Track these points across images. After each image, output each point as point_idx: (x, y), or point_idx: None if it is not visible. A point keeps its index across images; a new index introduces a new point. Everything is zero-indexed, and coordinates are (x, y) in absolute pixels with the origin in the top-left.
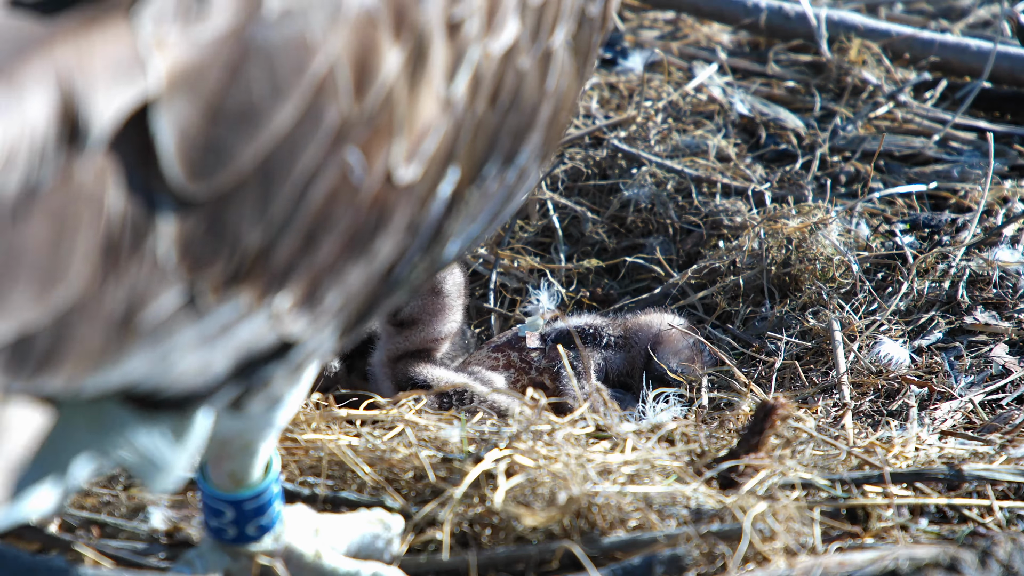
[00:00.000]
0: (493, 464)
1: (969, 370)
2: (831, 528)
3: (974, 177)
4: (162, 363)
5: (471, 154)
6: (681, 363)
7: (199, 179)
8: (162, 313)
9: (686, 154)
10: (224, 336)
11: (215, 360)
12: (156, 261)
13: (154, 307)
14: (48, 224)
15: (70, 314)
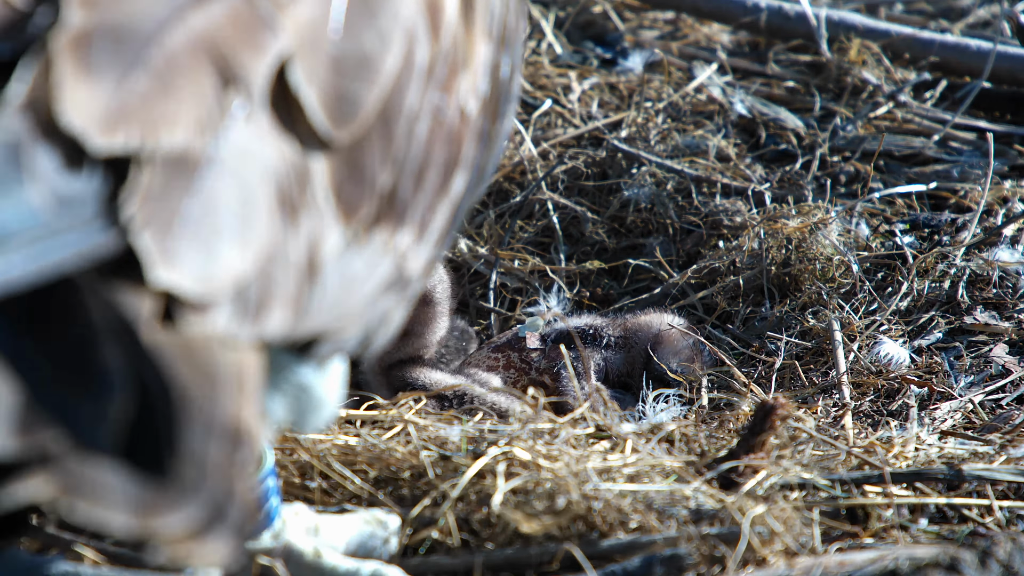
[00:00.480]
0: (492, 460)
1: (969, 370)
2: (831, 528)
3: (974, 177)
4: (337, 306)
5: (496, 93)
6: (681, 363)
7: (340, 127)
8: (332, 257)
9: (686, 154)
10: (372, 277)
11: (366, 300)
12: (319, 208)
13: (325, 252)
14: (234, 183)
15: (268, 264)
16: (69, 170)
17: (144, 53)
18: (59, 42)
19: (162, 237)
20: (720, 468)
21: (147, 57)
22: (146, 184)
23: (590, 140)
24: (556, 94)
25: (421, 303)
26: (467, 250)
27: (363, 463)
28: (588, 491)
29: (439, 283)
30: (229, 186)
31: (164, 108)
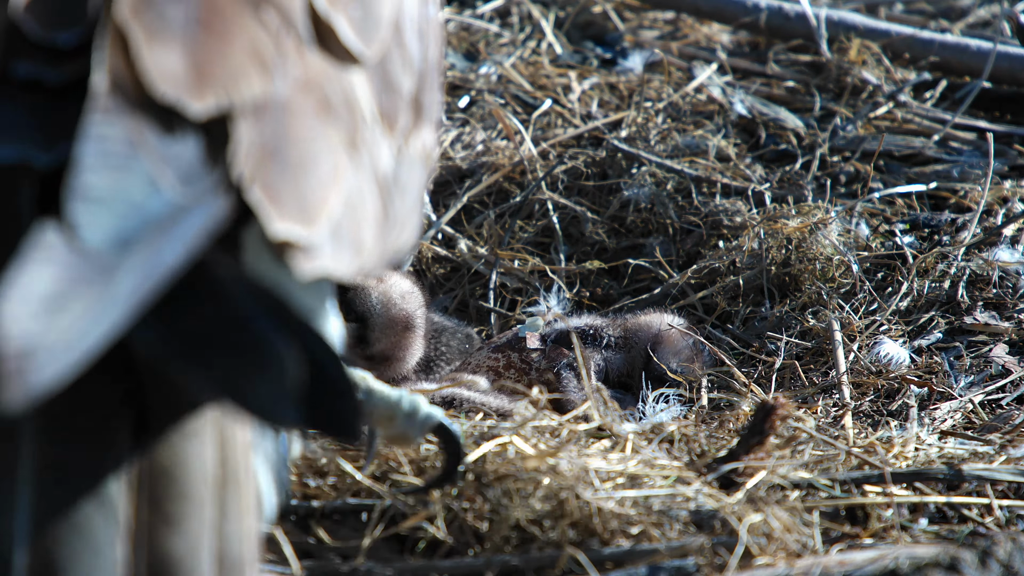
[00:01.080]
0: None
1: (969, 370)
2: (831, 528)
3: (974, 177)
4: (404, 220)
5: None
6: (681, 363)
7: (369, 44)
8: (390, 173)
9: (686, 154)
10: (416, 181)
11: (417, 205)
12: (370, 127)
13: (384, 169)
14: (307, 120)
15: (351, 194)
16: (174, 141)
17: (191, 6)
18: (122, 11)
19: (269, 189)
20: (721, 468)
21: (195, 10)
22: (245, 139)
23: (590, 140)
24: (556, 94)
25: (403, 329)
26: (467, 250)
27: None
28: (589, 496)
29: (418, 308)
30: (305, 124)
31: (232, 59)
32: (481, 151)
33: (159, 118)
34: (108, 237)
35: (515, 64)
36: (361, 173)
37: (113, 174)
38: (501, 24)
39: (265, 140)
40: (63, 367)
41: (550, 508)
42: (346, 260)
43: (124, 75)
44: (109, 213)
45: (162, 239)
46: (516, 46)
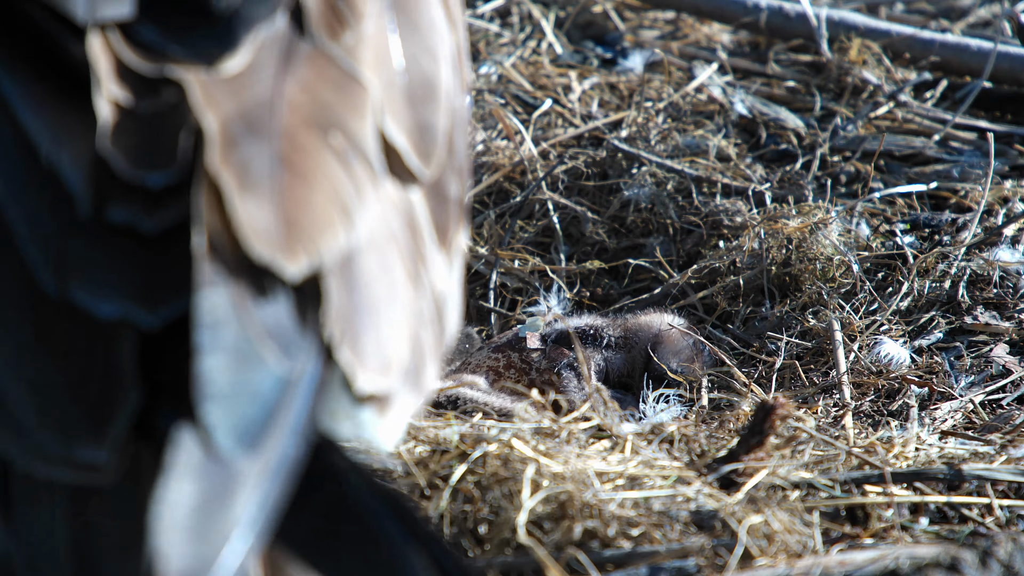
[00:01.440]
0: (491, 455)
1: (969, 370)
2: (831, 528)
3: (974, 177)
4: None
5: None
6: (681, 363)
7: (427, 162)
8: (444, 289)
9: (686, 154)
10: (457, 284)
11: (458, 304)
12: (428, 248)
13: (440, 288)
14: (380, 265)
15: (418, 331)
16: (269, 304)
17: (272, 144)
18: (213, 159)
19: (355, 346)
20: (721, 469)
21: (276, 148)
22: (334, 298)
23: (590, 140)
24: (556, 94)
25: None
26: (467, 250)
27: None
28: (588, 497)
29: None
30: (378, 269)
31: (317, 206)
32: (481, 151)
33: (255, 281)
34: (239, 437)
35: (515, 64)
36: (423, 301)
37: (229, 359)
38: (501, 24)
39: (347, 293)
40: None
41: (550, 510)
42: (414, 399)
43: (219, 233)
44: (234, 409)
45: (281, 427)
46: (516, 46)
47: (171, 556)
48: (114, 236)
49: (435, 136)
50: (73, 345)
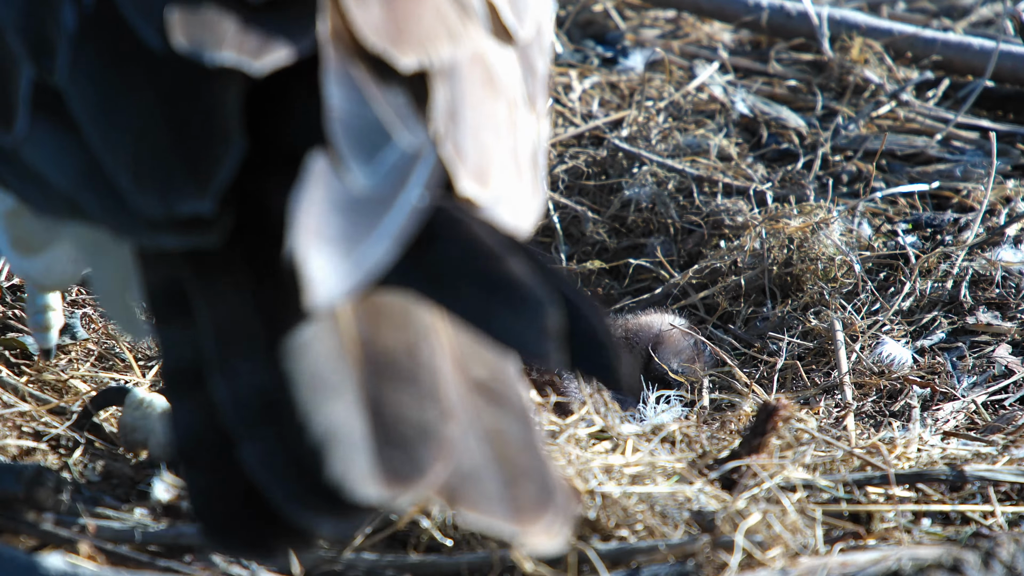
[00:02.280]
0: None
1: (972, 371)
2: (833, 528)
3: (977, 176)
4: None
5: None
6: (682, 364)
7: (522, 24)
8: (535, 146)
9: (687, 153)
10: (544, 163)
11: (544, 186)
12: (519, 102)
13: (532, 141)
14: (489, 90)
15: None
16: (388, 91)
17: None
18: None
19: (457, 147)
20: (722, 469)
21: None
22: (440, 97)
23: (591, 139)
24: (557, 93)
25: None
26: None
27: None
28: (592, 488)
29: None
30: (476, 94)
31: (424, 21)
32: None
33: (372, 68)
34: (372, 173)
35: None
36: (519, 143)
37: (358, 114)
38: None
39: (450, 103)
40: (344, 291)
41: None
42: (512, 223)
43: (338, 27)
44: (365, 150)
45: (407, 182)
46: None
47: (313, 260)
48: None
49: (526, 6)
50: (175, 97)
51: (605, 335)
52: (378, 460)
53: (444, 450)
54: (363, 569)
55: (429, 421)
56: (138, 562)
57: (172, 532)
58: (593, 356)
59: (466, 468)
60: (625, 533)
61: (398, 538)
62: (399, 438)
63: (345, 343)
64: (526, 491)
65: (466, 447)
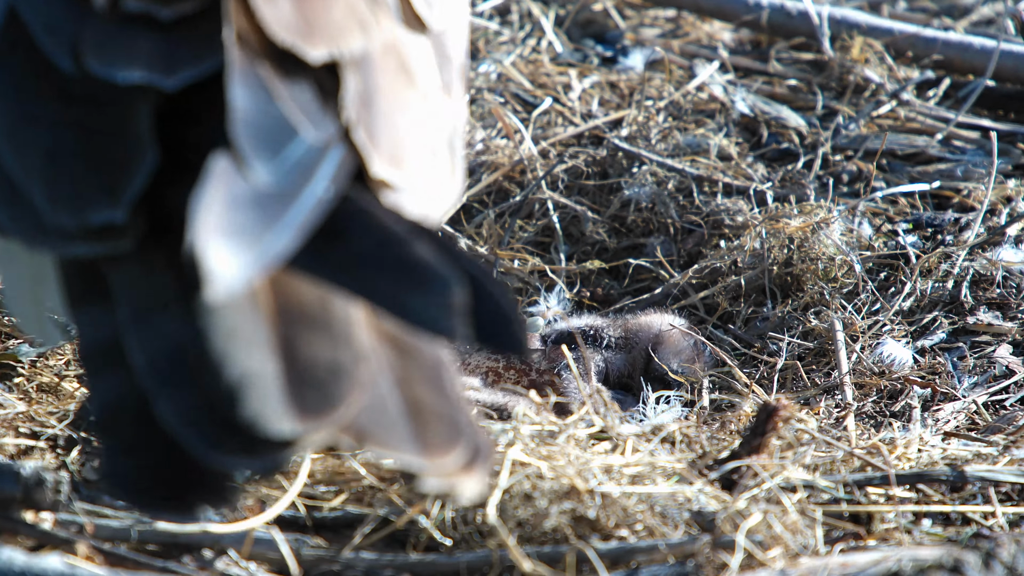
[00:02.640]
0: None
1: (972, 371)
2: (833, 529)
3: (977, 176)
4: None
5: None
6: (682, 363)
7: (433, 15)
8: (451, 131)
9: (687, 153)
10: (462, 148)
11: (463, 171)
12: (433, 89)
13: (448, 126)
14: (400, 77)
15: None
16: (294, 86)
17: None
18: None
19: (369, 133)
20: (722, 469)
21: None
22: (351, 87)
23: (590, 139)
24: (556, 92)
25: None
26: (466, 249)
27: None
28: (591, 486)
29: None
30: (389, 82)
31: (335, 15)
32: (481, 150)
33: (280, 65)
34: (271, 171)
35: (515, 62)
36: (434, 129)
37: (263, 112)
38: (501, 22)
39: (362, 91)
40: (244, 283)
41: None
42: (428, 205)
43: (245, 28)
44: (269, 147)
45: (313, 176)
46: (516, 44)
47: (212, 252)
48: (130, 21)
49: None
50: (88, 116)
51: (510, 309)
52: (290, 397)
53: (355, 388)
54: (362, 568)
55: (342, 362)
56: (136, 563)
57: (171, 530)
58: (498, 330)
59: (376, 407)
60: (625, 533)
61: (397, 537)
62: (311, 378)
63: (260, 298)
64: (436, 430)
65: (377, 388)
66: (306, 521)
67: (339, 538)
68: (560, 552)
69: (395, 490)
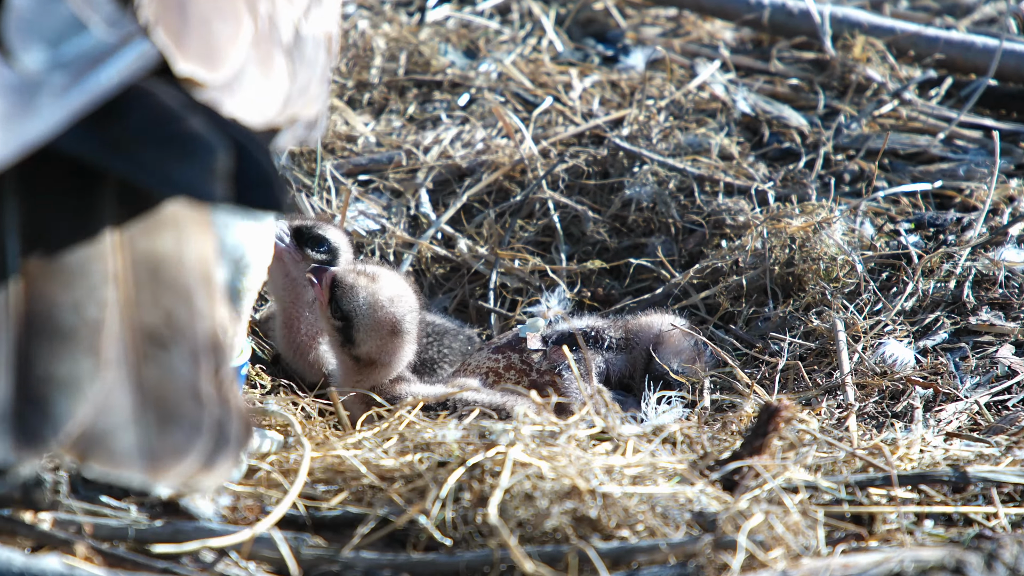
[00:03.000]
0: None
1: (975, 371)
2: (835, 530)
3: (980, 176)
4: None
5: None
6: (682, 364)
7: None
8: (291, 39)
9: (688, 152)
10: (323, 63)
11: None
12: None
13: (286, 34)
14: None
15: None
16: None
17: None
18: None
19: (173, 34)
20: (724, 470)
21: None
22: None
23: (591, 138)
24: (557, 92)
25: (389, 333)
26: (467, 250)
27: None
28: (594, 487)
29: (408, 313)
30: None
31: None
32: (481, 149)
33: None
34: (45, 61)
35: (515, 61)
36: (264, 33)
37: (46, 11)
38: (501, 21)
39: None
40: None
41: (548, 503)
42: (252, 108)
43: None
44: (43, 43)
45: (96, 68)
46: (516, 43)
47: None
48: None
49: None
50: None
51: (271, 172)
52: (12, 421)
53: (84, 405)
54: (361, 568)
55: (77, 377)
56: (135, 563)
57: (169, 529)
58: (260, 192)
59: (106, 423)
60: (626, 533)
61: (397, 537)
62: (40, 396)
63: (11, 303)
64: (171, 437)
65: (113, 399)
66: (306, 520)
67: (339, 537)
68: (561, 552)
69: (395, 489)
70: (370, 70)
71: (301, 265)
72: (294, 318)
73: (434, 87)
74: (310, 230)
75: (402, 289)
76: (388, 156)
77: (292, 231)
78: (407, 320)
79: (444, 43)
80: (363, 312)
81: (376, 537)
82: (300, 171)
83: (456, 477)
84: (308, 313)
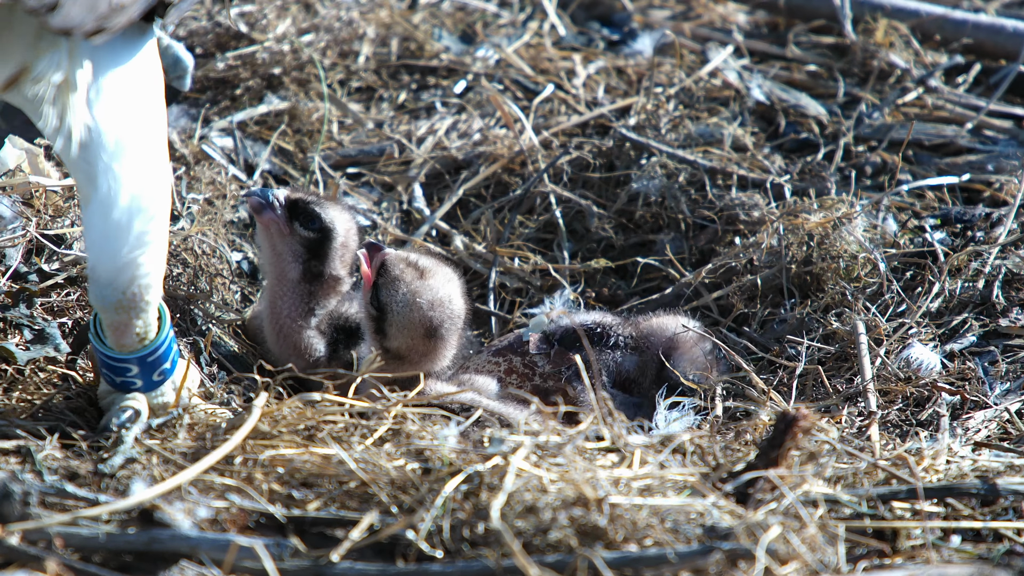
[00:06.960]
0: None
1: (1005, 376)
2: (856, 546)
3: (1010, 168)
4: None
5: None
6: (697, 372)
7: None
8: None
9: (699, 143)
10: None
11: None
12: None
13: None
14: None
15: None
16: None
17: None
18: None
19: None
20: (737, 482)
21: None
22: None
23: (596, 128)
24: (559, 79)
25: (423, 335)
26: (464, 248)
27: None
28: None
29: (448, 320)
30: None
31: None
32: (478, 140)
33: None
34: None
35: (515, 47)
36: None
37: None
38: (500, 3)
39: None
40: None
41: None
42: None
43: None
44: None
45: None
46: (516, 27)
47: None
48: None
49: None
50: None
51: None
52: None
53: None
54: None
55: None
56: None
57: (144, 538)
58: None
59: None
60: (634, 547)
61: (385, 546)
62: None
63: None
64: None
65: None
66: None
67: (325, 542)
68: (565, 562)
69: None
70: (359, 56)
71: (288, 239)
72: (277, 296)
73: (428, 74)
74: (306, 205)
75: (448, 293)
76: (379, 147)
77: (288, 202)
78: (444, 326)
79: (438, 27)
80: (398, 309)
81: (363, 544)
82: (288, 164)
83: (453, 486)
84: (291, 293)
